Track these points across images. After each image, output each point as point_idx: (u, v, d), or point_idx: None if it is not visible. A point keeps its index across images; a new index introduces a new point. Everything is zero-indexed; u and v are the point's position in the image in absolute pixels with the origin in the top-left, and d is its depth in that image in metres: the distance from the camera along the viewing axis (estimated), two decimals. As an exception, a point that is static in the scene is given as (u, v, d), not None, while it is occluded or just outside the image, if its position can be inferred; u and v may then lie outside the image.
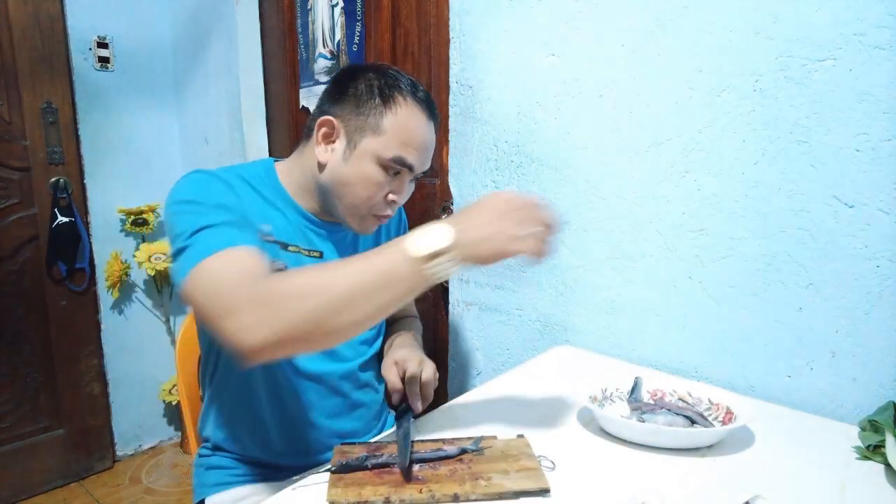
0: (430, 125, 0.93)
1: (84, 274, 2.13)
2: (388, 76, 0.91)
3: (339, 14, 1.74)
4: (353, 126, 0.90)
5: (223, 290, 0.68)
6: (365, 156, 0.89)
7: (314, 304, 0.66)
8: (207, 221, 0.76)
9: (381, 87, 0.89)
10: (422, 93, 0.92)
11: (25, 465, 2.07)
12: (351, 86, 0.91)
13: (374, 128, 0.89)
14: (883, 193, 0.82)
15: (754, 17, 0.91)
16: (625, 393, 0.91)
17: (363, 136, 0.89)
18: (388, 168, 0.89)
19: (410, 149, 0.90)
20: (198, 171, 0.88)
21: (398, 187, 0.93)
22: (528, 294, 1.27)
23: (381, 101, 0.89)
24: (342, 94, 0.91)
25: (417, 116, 0.90)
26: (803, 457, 0.77)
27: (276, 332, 0.65)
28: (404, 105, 0.89)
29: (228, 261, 0.71)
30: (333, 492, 0.67)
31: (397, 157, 0.89)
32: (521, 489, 0.67)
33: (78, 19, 2.06)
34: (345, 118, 0.90)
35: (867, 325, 0.86)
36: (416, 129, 0.90)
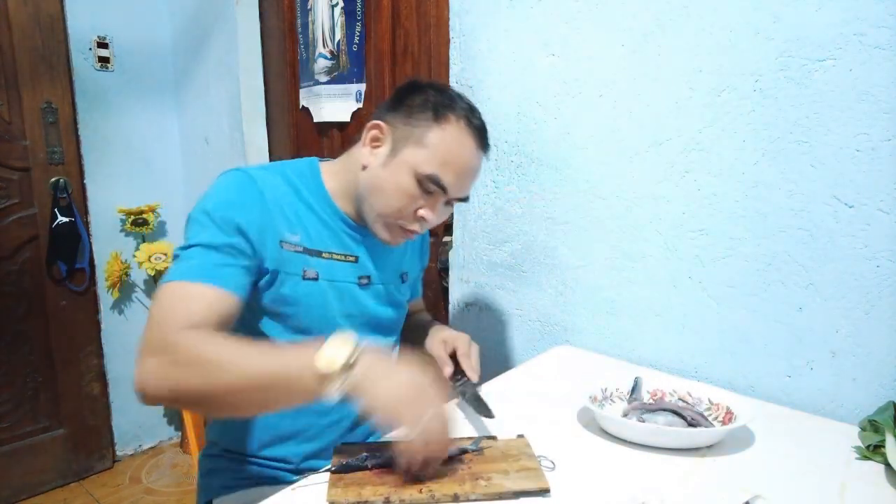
0: (477, 153, 0.91)
1: (84, 274, 2.13)
2: (447, 96, 0.91)
3: (339, 14, 1.74)
4: (401, 134, 0.89)
5: (155, 324, 0.75)
6: (403, 165, 0.88)
7: (213, 382, 0.71)
8: (203, 239, 0.81)
9: (436, 104, 0.89)
10: (477, 120, 0.91)
11: (25, 465, 2.07)
12: (409, 97, 0.91)
13: (418, 139, 0.88)
14: (883, 193, 0.83)
15: (754, 17, 0.91)
16: (625, 393, 0.91)
17: (406, 145, 0.88)
18: (423, 183, 0.88)
19: (448, 170, 0.88)
20: (238, 171, 0.89)
21: (430, 205, 0.91)
22: (528, 294, 1.27)
23: (433, 115, 0.88)
24: (399, 104, 0.91)
25: (465, 140, 0.89)
26: (803, 457, 0.77)
27: (172, 392, 0.72)
28: (455, 126, 0.88)
29: (184, 295, 0.76)
30: (333, 492, 0.67)
31: (433, 175, 0.87)
32: (521, 489, 0.68)
33: (78, 19, 2.05)
34: (395, 125, 0.90)
35: (867, 325, 0.86)
36: (460, 151, 0.89)
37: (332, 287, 0.94)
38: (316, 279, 0.92)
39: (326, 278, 0.93)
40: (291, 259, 0.90)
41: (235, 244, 0.83)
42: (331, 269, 0.94)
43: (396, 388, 0.67)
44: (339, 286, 0.95)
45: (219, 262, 0.80)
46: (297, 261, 0.90)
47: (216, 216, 0.83)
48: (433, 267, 1.59)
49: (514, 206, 1.26)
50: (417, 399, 0.67)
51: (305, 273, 0.91)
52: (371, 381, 0.67)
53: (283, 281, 0.89)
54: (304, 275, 0.91)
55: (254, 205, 0.86)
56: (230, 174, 0.89)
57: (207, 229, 0.82)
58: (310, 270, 0.91)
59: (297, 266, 0.90)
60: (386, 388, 0.67)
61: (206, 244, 0.81)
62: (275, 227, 0.88)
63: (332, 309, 0.94)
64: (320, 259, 0.93)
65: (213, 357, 0.71)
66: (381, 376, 0.67)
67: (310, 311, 0.92)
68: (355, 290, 0.97)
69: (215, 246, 0.81)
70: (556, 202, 1.19)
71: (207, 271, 0.79)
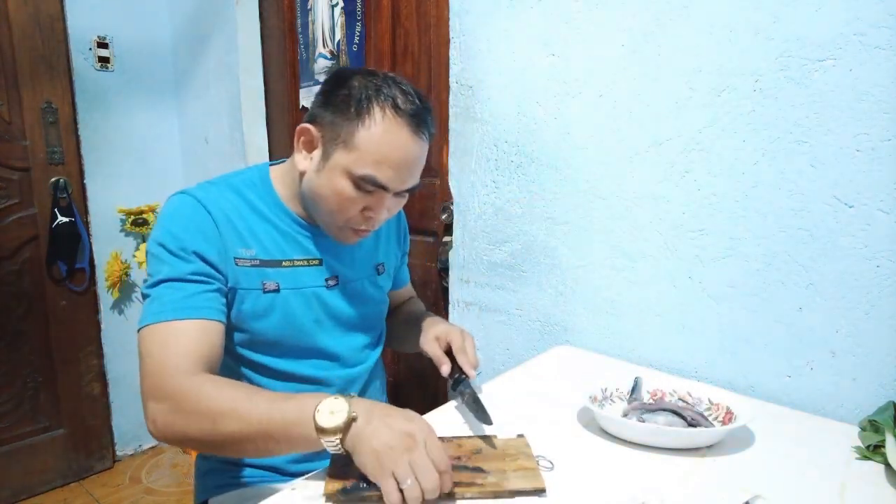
0: (415, 141, 0.84)
1: (84, 274, 2.14)
2: (372, 84, 0.84)
3: (339, 14, 1.74)
4: (329, 135, 0.85)
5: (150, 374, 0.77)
6: (336, 169, 0.84)
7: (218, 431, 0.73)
8: (167, 274, 0.81)
9: (359, 98, 0.83)
10: (411, 105, 0.84)
11: (25, 465, 2.08)
12: (335, 92, 0.85)
13: (345, 141, 0.83)
14: (883, 193, 0.82)
15: (754, 17, 0.91)
16: (625, 393, 0.91)
17: (336, 148, 0.84)
18: (360, 185, 0.84)
19: (384, 167, 0.83)
20: (182, 195, 0.87)
21: (375, 203, 0.87)
22: (528, 294, 1.27)
23: (356, 112, 0.82)
24: (326, 100, 0.86)
25: (396, 132, 0.82)
26: (803, 457, 0.77)
27: (179, 437, 0.76)
28: (381, 120, 0.82)
29: (167, 338, 0.77)
30: (331, 485, 0.68)
31: (368, 176, 0.83)
32: (517, 489, 0.67)
33: (78, 19, 2.06)
34: (324, 126, 0.86)
35: (867, 325, 0.86)
36: (393, 145, 0.83)
37: (296, 295, 0.92)
38: (277, 290, 0.90)
39: (289, 287, 0.92)
40: (248, 274, 0.88)
41: (199, 270, 0.83)
42: (293, 276, 0.92)
43: (380, 449, 0.65)
44: (305, 293, 0.93)
45: (190, 293, 0.81)
46: (253, 275, 0.89)
47: (172, 247, 0.82)
48: (433, 267, 1.59)
49: (514, 206, 1.26)
50: (399, 458, 0.64)
51: (265, 286, 0.89)
52: (363, 442, 0.66)
53: (242, 298, 0.88)
54: (264, 288, 0.89)
55: (203, 227, 0.84)
56: (174, 199, 0.87)
57: (167, 263, 0.82)
58: (269, 283, 0.90)
59: (255, 280, 0.89)
60: (370, 451, 0.65)
61: (171, 278, 0.81)
62: (227, 246, 0.86)
63: (298, 318, 0.93)
64: (280, 269, 0.91)
65: (215, 407, 0.73)
66: (372, 436, 0.66)
67: (276, 325, 0.91)
68: (323, 294, 0.96)
69: (180, 278, 0.81)
70: (556, 202, 1.19)
71: (181, 307, 0.79)
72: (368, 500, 0.66)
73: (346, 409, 0.67)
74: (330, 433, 0.67)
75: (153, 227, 0.88)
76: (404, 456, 0.63)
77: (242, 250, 0.88)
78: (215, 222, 0.86)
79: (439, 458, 0.64)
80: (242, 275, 0.88)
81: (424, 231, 1.62)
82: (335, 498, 0.66)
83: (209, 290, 0.83)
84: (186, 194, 0.87)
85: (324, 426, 0.67)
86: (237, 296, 0.88)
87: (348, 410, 0.67)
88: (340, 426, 0.66)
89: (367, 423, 0.67)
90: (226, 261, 0.86)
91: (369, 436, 0.66)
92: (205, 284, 0.83)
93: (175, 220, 0.85)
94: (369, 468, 0.65)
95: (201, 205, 0.86)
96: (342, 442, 0.67)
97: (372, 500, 0.66)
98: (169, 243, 0.83)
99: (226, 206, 0.88)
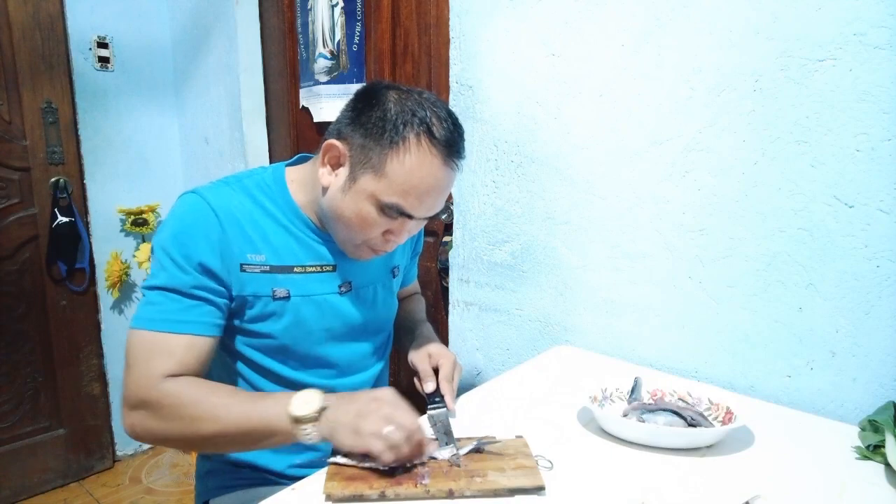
0: (445, 170, 0.82)
1: (84, 274, 2.13)
2: (409, 108, 0.80)
3: (339, 14, 1.74)
4: (358, 157, 0.82)
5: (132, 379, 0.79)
6: (362, 193, 0.82)
7: (196, 432, 0.77)
8: (165, 281, 0.81)
9: (394, 122, 0.79)
10: (446, 133, 0.81)
11: (25, 465, 2.07)
12: (367, 110, 0.82)
13: (376, 167, 0.80)
14: (883, 193, 0.82)
15: (754, 17, 0.91)
16: (625, 393, 0.91)
17: (364, 172, 0.81)
18: (386, 211, 0.82)
19: (412, 197, 0.81)
20: (194, 195, 0.85)
21: (397, 228, 0.86)
22: (528, 294, 1.27)
23: (390, 139, 0.79)
24: (357, 117, 0.83)
25: (429, 162, 0.80)
26: (803, 457, 0.77)
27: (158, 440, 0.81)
28: (416, 149, 0.79)
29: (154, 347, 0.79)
30: (330, 485, 0.68)
31: (395, 205, 0.81)
32: (516, 486, 0.68)
33: (78, 19, 2.06)
34: (352, 143, 0.83)
35: (867, 325, 0.86)
36: (423, 176, 0.80)
37: (307, 302, 0.91)
38: (287, 298, 0.89)
39: (300, 294, 0.90)
40: (257, 281, 0.87)
41: (199, 283, 0.82)
42: (305, 283, 0.91)
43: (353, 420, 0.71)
44: (316, 300, 0.92)
45: (184, 306, 0.81)
46: (264, 282, 0.87)
47: (175, 253, 0.82)
48: (433, 267, 1.59)
49: (514, 206, 1.26)
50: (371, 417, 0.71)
51: (275, 293, 0.88)
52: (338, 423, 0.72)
53: (252, 304, 0.87)
54: (275, 295, 0.88)
55: (209, 233, 0.83)
56: (186, 199, 0.86)
57: (167, 270, 0.81)
58: (280, 290, 0.88)
59: (265, 287, 0.87)
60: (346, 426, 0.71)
61: (168, 287, 0.81)
62: (233, 252, 0.85)
63: (308, 326, 0.92)
64: (291, 275, 0.90)
65: (193, 411, 0.76)
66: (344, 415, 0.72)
67: (284, 331, 0.90)
68: (335, 300, 0.94)
69: (178, 289, 0.81)
70: (556, 202, 1.19)
71: (173, 319, 0.80)
72: (368, 499, 0.66)
73: (318, 398, 0.73)
74: (305, 421, 0.72)
75: (162, 224, 0.87)
76: (376, 415, 0.70)
77: (251, 256, 0.86)
78: (223, 227, 0.84)
79: (408, 409, 0.72)
80: (250, 281, 0.86)
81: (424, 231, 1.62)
82: (335, 498, 0.66)
83: (205, 304, 0.83)
84: (198, 195, 0.85)
85: (297, 415, 0.72)
86: (247, 302, 0.87)
87: (320, 401, 0.73)
88: (313, 414, 0.72)
89: (337, 408, 0.73)
90: (230, 269, 0.85)
91: (341, 416, 0.72)
92: (201, 299, 0.82)
93: (183, 224, 0.83)
94: (349, 442, 0.70)
95: (210, 208, 0.84)
96: (317, 429, 0.73)
97: (372, 499, 0.66)
98: (172, 250, 0.82)
99: (237, 210, 0.86)
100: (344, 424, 0.71)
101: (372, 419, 0.70)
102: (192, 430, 0.77)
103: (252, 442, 0.78)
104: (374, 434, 0.69)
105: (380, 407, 0.71)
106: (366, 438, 0.69)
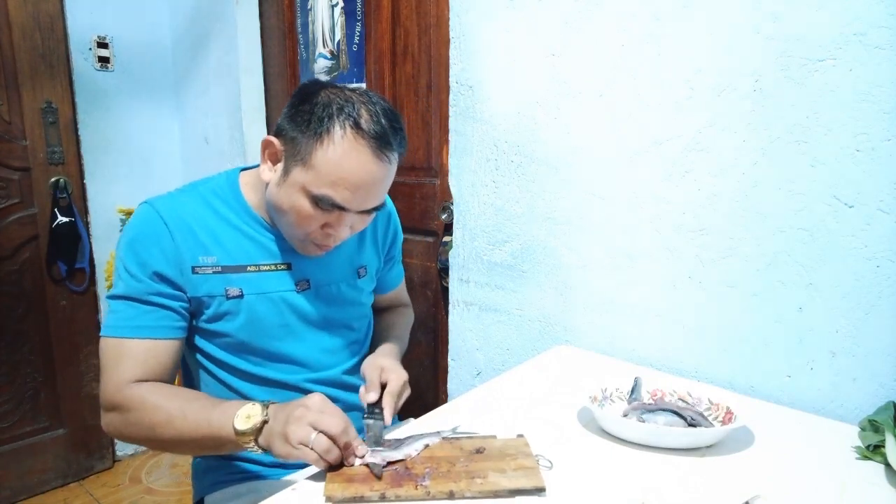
0: (376, 163, 0.82)
1: (84, 274, 2.14)
2: (336, 101, 0.82)
3: (339, 14, 1.74)
4: (290, 151, 0.84)
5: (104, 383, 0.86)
6: (295, 186, 0.84)
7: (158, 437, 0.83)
8: (124, 290, 0.86)
9: (321, 116, 0.81)
10: (375, 126, 0.82)
11: (25, 465, 2.07)
12: (300, 105, 0.84)
13: (304, 159, 0.82)
14: (883, 193, 0.82)
15: (754, 17, 0.91)
16: (625, 393, 0.91)
17: (295, 165, 0.83)
18: (319, 203, 0.83)
19: (341, 188, 0.82)
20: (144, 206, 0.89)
21: (335, 221, 0.86)
22: (528, 294, 1.27)
23: (314, 131, 0.81)
24: (291, 114, 0.85)
25: (355, 154, 0.81)
26: (803, 457, 0.77)
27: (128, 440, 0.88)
28: (340, 140, 0.80)
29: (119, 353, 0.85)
30: (330, 487, 0.68)
31: (325, 196, 0.82)
32: (517, 487, 0.68)
33: (78, 19, 2.06)
34: (286, 141, 0.85)
35: (867, 325, 0.86)
36: (350, 167, 0.81)
37: (262, 300, 0.92)
38: (241, 296, 0.91)
39: (254, 292, 0.92)
40: (210, 282, 0.89)
41: (154, 290, 0.86)
42: (259, 281, 0.92)
43: (283, 429, 0.72)
44: (272, 297, 0.93)
45: (141, 313, 0.85)
46: (216, 282, 0.90)
47: (129, 263, 0.86)
48: (433, 267, 1.59)
49: (514, 206, 1.26)
50: (298, 424, 0.71)
51: (228, 292, 0.90)
52: (272, 433, 0.74)
53: (208, 304, 0.90)
54: (228, 294, 0.90)
55: (160, 241, 0.86)
56: (138, 210, 0.90)
57: (124, 279, 0.86)
58: (232, 289, 0.90)
59: (218, 287, 0.90)
60: (277, 435, 0.73)
61: (127, 296, 0.85)
62: (183, 257, 0.87)
63: (263, 322, 0.93)
64: (245, 274, 0.91)
65: (153, 416, 0.82)
66: (276, 424, 0.74)
67: (240, 328, 0.92)
68: (292, 298, 0.95)
69: (135, 297, 0.85)
70: (556, 202, 1.19)
71: (132, 325, 0.85)
72: (369, 501, 0.66)
73: (259, 413, 0.76)
74: (246, 435, 0.75)
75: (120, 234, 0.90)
76: (302, 423, 0.71)
77: (202, 258, 0.89)
78: (171, 234, 0.87)
79: (336, 414, 0.72)
80: (203, 282, 0.89)
81: (424, 231, 1.62)
82: (336, 500, 0.66)
83: (161, 309, 0.86)
84: (149, 205, 0.89)
85: (239, 429, 0.75)
86: (201, 303, 0.90)
87: (262, 414, 0.75)
88: (252, 429, 0.75)
89: (274, 420, 0.75)
90: (183, 273, 0.88)
91: (274, 426, 0.74)
92: (158, 305, 0.86)
93: (135, 234, 0.87)
94: (283, 452, 0.72)
95: (159, 216, 0.87)
96: (256, 442, 0.75)
97: (372, 501, 0.66)
98: (127, 260, 0.86)
99: (187, 215, 0.89)
100: (276, 434, 0.73)
101: (298, 427, 0.71)
102: (154, 435, 0.83)
103: (208, 448, 0.84)
104: (301, 442, 0.70)
105: (305, 414, 0.72)
106: (295, 447, 0.71)
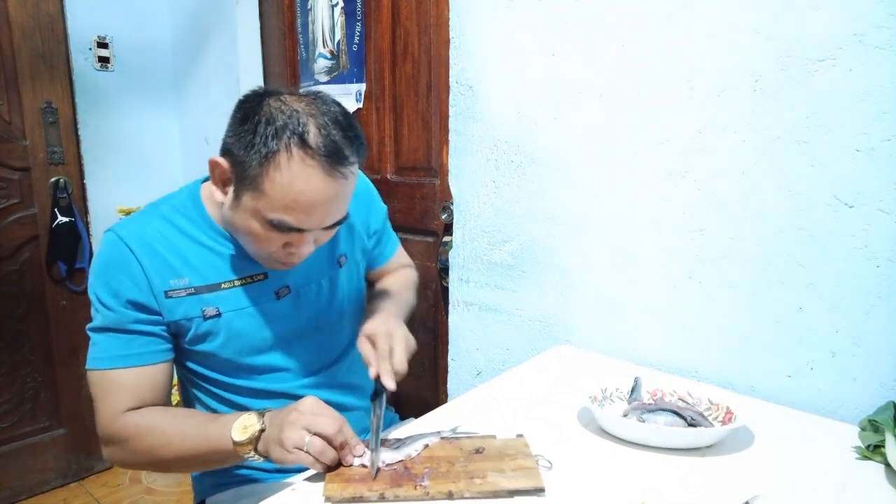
0: (328, 182, 0.76)
1: (84, 274, 2.13)
2: (280, 117, 0.75)
3: (339, 14, 1.74)
4: (238, 176, 0.78)
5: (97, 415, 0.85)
6: (248, 211, 0.79)
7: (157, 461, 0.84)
8: (101, 322, 0.84)
9: (264, 135, 0.74)
10: (325, 140, 0.75)
11: (25, 465, 2.07)
12: (243, 122, 0.78)
13: (252, 184, 0.76)
14: (883, 193, 0.82)
15: (754, 17, 0.91)
16: (625, 393, 0.91)
17: (245, 189, 0.78)
18: (275, 226, 0.78)
19: (296, 212, 0.77)
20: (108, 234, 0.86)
21: (296, 240, 0.82)
22: (528, 294, 1.27)
23: (260, 154, 0.74)
24: (235, 131, 0.79)
25: (305, 176, 0.75)
26: (803, 457, 0.77)
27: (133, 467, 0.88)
28: (287, 164, 0.74)
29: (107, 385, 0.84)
30: (330, 487, 0.68)
31: (279, 221, 0.77)
32: (516, 488, 0.68)
33: (78, 19, 2.05)
34: (234, 163, 0.79)
35: (867, 325, 0.86)
36: (305, 191, 0.75)
37: (240, 316, 0.90)
38: (218, 315, 0.88)
39: (232, 309, 0.89)
40: (185, 304, 0.86)
41: (131, 318, 0.84)
42: (235, 297, 0.89)
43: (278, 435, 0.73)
44: (250, 311, 0.90)
45: (125, 342, 0.84)
46: (191, 304, 0.86)
47: (102, 294, 0.84)
48: (433, 267, 1.59)
49: (514, 206, 1.26)
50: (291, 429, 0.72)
51: (205, 313, 0.87)
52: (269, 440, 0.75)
53: (187, 327, 0.87)
54: (205, 315, 0.87)
55: (129, 269, 0.83)
56: (104, 238, 0.87)
57: (100, 311, 0.84)
58: (209, 309, 0.87)
59: (194, 309, 0.87)
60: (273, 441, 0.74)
61: (105, 328, 0.84)
62: (156, 282, 0.84)
63: (247, 338, 0.91)
64: (220, 292, 0.88)
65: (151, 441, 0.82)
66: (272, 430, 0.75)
67: (223, 347, 0.90)
68: (273, 307, 0.92)
69: (114, 328, 0.84)
70: (556, 202, 1.19)
71: (116, 355, 0.84)
72: (368, 501, 0.66)
73: (256, 422, 0.76)
74: (245, 445, 0.75)
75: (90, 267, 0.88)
76: (296, 427, 0.71)
77: (173, 281, 0.85)
78: (139, 261, 0.83)
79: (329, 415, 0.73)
80: (177, 306, 0.86)
81: (424, 231, 1.62)
82: (335, 500, 0.66)
83: (142, 336, 0.85)
84: (113, 232, 0.86)
85: (237, 440, 0.75)
86: (180, 326, 0.87)
87: (258, 423, 0.76)
88: (250, 438, 0.75)
89: (270, 427, 0.75)
90: (156, 298, 0.84)
91: (270, 435, 0.74)
92: (138, 332, 0.84)
93: (103, 264, 0.85)
94: (280, 457, 0.72)
95: (124, 243, 0.84)
96: (256, 451, 0.76)
97: (371, 501, 0.66)
98: (100, 291, 0.84)
99: (152, 239, 0.85)
100: (272, 440, 0.74)
101: (292, 431, 0.71)
102: (156, 458, 0.83)
103: (211, 463, 0.84)
104: (296, 446, 0.70)
105: (298, 419, 0.72)
106: (290, 451, 0.71)
